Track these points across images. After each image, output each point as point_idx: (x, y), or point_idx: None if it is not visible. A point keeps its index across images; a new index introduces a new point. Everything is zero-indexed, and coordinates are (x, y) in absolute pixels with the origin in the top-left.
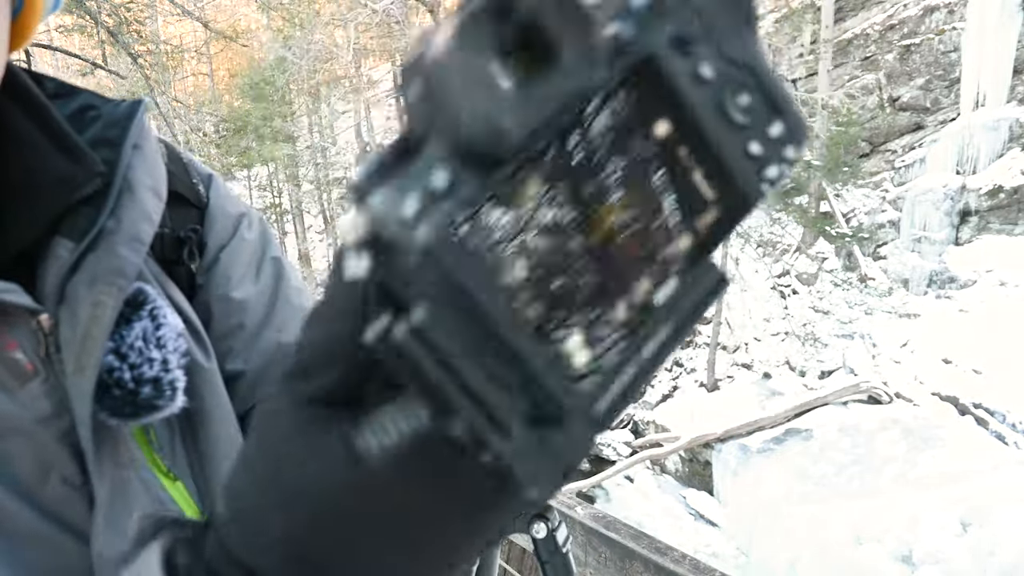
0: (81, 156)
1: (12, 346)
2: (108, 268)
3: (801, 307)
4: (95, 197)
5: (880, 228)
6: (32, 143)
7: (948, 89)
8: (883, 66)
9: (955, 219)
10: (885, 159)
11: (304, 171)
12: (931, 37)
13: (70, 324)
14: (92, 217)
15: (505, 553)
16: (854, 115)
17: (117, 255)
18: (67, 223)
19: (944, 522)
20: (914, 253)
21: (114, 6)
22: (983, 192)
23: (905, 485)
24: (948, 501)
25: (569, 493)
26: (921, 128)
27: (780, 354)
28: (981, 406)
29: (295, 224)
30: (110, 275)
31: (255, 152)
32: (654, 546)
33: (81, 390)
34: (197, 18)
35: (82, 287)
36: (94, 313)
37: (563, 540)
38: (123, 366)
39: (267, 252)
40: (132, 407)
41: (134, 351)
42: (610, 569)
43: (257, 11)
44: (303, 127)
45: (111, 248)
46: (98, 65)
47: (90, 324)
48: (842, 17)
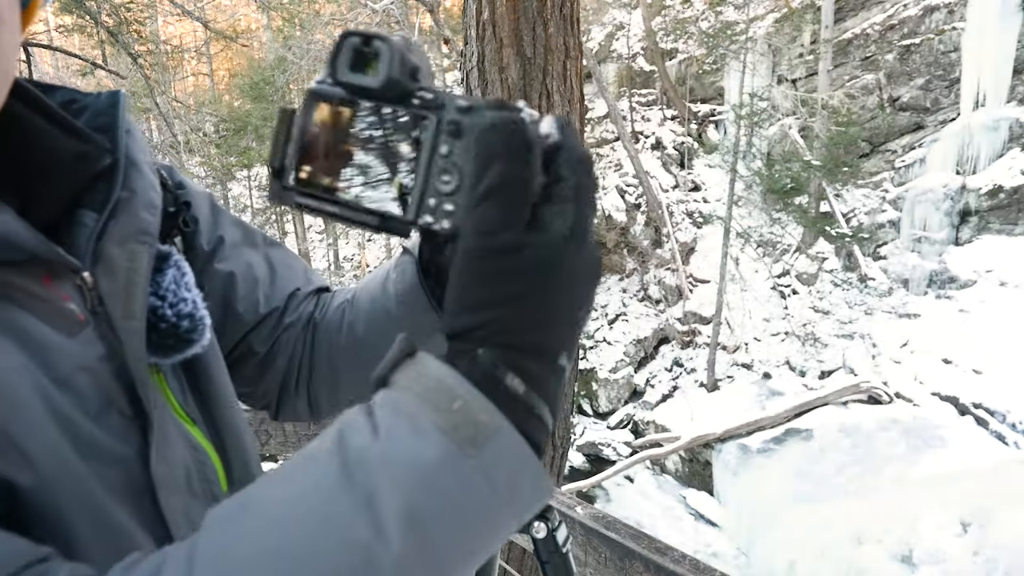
0: (88, 138)
1: (66, 298)
2: (135, 229)
3: (801, 307)
4: (105, 174)
5: (880, 228)
6: (44, 129)
7: (948, 89)
8: (883, 66)
9: (955, 219)
10: (885, 159)
11: None
12: (931, 37)
13: (109, 279)
14: (107, 190)
15: (505, 553)
16: (854, 115)
17: (140, 218)
18: (87, 197)
19: (944, 522)
20: (914, 253)
21: (114, 6)
22: (983, 192)
23: (905, 485)
24: (948, 501)
25: (569, 493)
26: (921, 128)
27: (780, 354)
28: (981, 406)
29: (295, 224)
30: (138, 234)
31: (255, 152)
32: (654, 546)
33: (133, 330)
34: (197, 18)
35: (113, 247)
36: (131, 266)
37: (563, 540)
38: (164, 304)
39: (226, 215)
40: (174, 339)
41: (170, 292)
42: (610, 569)
43: (257, 11)
44: None
45: (133, 213)
46: (98, 65)
47: (130, 276)
48: (842, 17)
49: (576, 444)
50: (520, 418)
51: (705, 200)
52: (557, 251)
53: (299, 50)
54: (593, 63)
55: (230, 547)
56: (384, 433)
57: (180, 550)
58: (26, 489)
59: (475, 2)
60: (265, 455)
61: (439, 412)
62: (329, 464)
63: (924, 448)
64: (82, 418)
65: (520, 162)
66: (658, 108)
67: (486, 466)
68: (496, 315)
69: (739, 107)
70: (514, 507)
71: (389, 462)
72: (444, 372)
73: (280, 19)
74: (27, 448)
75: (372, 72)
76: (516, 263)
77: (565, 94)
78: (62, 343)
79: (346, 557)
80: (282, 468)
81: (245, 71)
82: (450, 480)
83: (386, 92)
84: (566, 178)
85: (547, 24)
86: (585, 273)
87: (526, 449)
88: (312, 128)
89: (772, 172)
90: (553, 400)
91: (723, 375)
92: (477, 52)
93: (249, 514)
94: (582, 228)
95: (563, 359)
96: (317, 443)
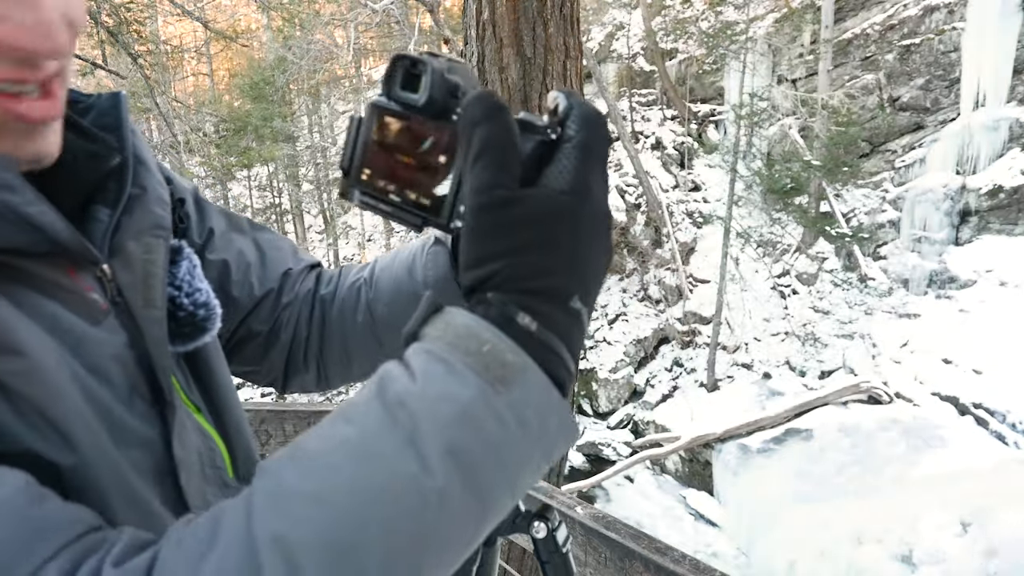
0: (97, 137)
1: (89, 289)
2: (149, 223)
3: (801, 307)
4: (115, 172)
5: (880, 228)
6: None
7: (948, 89)
8: (883, 66)
9: (955, 219)
10: (885, 159)
11: (304, 171)
12: (931, 37)
13: (127, 271)
14: (118, 188)
15: (505, 553)
16: (854, 115)
17: (153, 213)
18: (99, 194)
19: (944, 522)
20: (914, 253)
21: (114, 6)
22: (983, 192)
23: (905, 485)
24: (948, 501)
25: (569, 493)
26: (921, 128)
27: (780, 354)
28: (981, 406)
29: (295, 224)
30: (153, 229)
31: (255, 152)
32: (654, 546)
33: (154, 319)
34: (197, 18)
35: (129, 241)
36: (149, 259)
37: (563, 540)
38: (181, 294)
39: (211, 206)
40: (191, 327)
41: (185, 283)
42: (610, 569)
43: (257, 11)
44: (303, 127)
45: (146, 208)
46: (98, 65)
47: (148, 267)
48: (842, 17)
49: (576, 444)
50: (539, 355)
51: (705, 200)
52: (549, 203)
53: (299, 50)
54: (593, 63)
55: (285, 487)
56: (420, 376)
57: (236, 500)
58: (68, 469)
59: (475, 2)
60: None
61: (470, 355)
62: (370, 408)
63: (924, 448)
64: (115, 403)
65: (498, 124)
66: (658, 108)
67: (516, 403)
68: (500, 266)
69: (739, 107)
70: (543, 444)
71: (428, 401)
72: (469, 319)
73: (280, 19)
74: (68, 431)
75: (419, 90)
76: (509, 216)
77: None
78: (91, 332)
79: (396, 490)
80: (324, 422)
81: (245, 71)
82: (485, 416)
83: (429, 108)
84: (571, 137)
85: (547, 24)
86: (588, 224)
87: (552, 388)
88: (372, 136)
89: (772, 172)
90: (569, 339)
91: (723, 375)
92: (477, 52)
93: (299, 459)
94: (583, 182)
95: (575, 302)
96: (355, 396)
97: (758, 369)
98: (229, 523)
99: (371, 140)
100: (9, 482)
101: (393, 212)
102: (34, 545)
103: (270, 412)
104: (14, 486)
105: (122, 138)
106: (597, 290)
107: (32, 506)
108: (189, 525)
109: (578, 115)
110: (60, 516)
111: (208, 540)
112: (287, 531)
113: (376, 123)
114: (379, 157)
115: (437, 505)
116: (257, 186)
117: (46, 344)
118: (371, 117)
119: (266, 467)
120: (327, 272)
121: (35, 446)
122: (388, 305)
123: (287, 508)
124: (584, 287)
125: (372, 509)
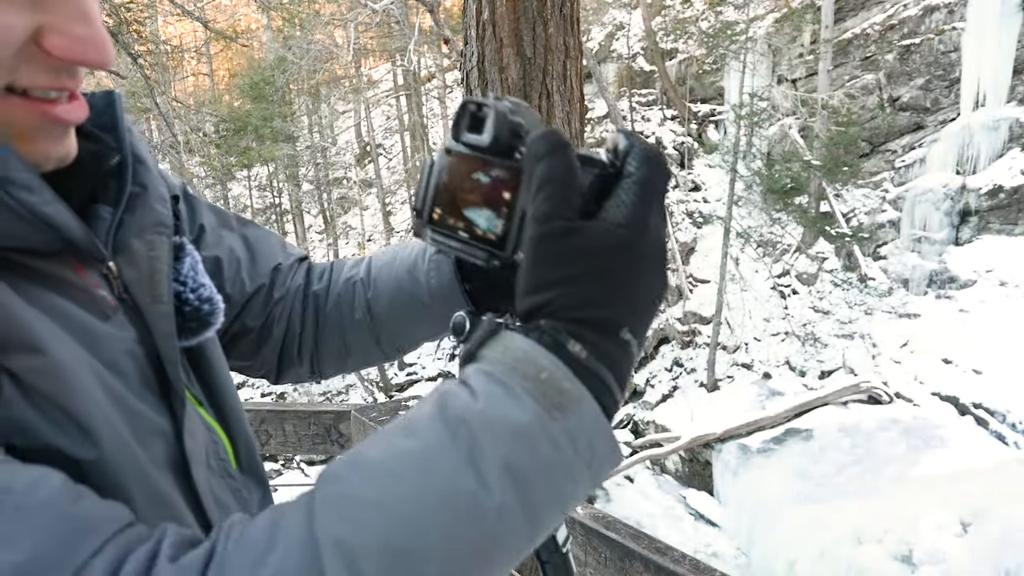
0: (96, 137)
1: (97, 286)
2: (151, 221)
3: (801, 307)
4: (114, 171)
5: (880, 228)
6: None
7: (948, 89)
8: (883, 66)
9: (955, 219)
10: (885, 159)
11: (304, 171)
12: (931, 37)
13: (132, 268)
14: (119, 186)
15: None
16: (854, 115)
17: (155, 210)
18: (101, 193)
19: (944, 522)
20: (914, 253)
21: (114, 6)
22: (983, 192)
23: (905, 485)
24: (948, 501)
25: None
26: (921, 128)
27: (780, 354)
28: (981, 406)
29: (295, 224)
30: (155, 226)
31: (255, 152)
32: (654, 546)
33: (162, 314)
34: (197, 18)
35: (132, 239)
36: (153, 255)
37: (563, 540)
38: (186, 289)
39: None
40: (197, 322)
41: (189, 278)
42: (610, 569)
43: (257, 11)
44: (303, 127)
45: (147, 206)
46: None
47: (153, 264)
48: (842, 17)
49: None
50: (588, 382)
51: (705, 200)
52: (607, 236)
53: (299, 50)
54: (593, 63)
55: (348, 492)
56: (482, 397)
57: (294, 501)
58: (89, 464)
59: (475, 2)
60: (265, 455)
61: (528, 380)
62: (432, 424)
63: (924, 448)
64: (131, 398)
65: (560, 158)
66: (658, 108)
67: (570, 430)
68: (555, 294)
69: (739, 107)
70: (593, 469)
71: (488, 421)
72: (528, 345)
73: (280, 19)
74: (89, 426)
75: (484, 131)
76: (568, 246)
77: (565, 94)
78: (103, 328)
79: (455, 502)
80: (383, 433)
81: (245, 71)
82: (541, 440)
83: (494, 147)
84: (631, 173)
85: (547, 24)
86: (643, 258)
87: (602, 417)
88: (443, 178)
89: (772, 172)
90: (617, 369)
91: (723, 375)
92: (477, 52)
93: (362, 467)
94: (640, 217)
95: (625, 333)
96: (414, 412)
97: (758, 369)
98: (290, 524)
99: (442, 181)
100: (48, 481)
101: (461, 248)
102: (78, 543)
103: (270, 412)
104: (54, 485)
105: (119, 137)
106: (649, 323)
107: (73, 504)
108: (243, 524)
109: (638, 153)
110: (99, 512)
111: (267, 540)
112: (349, 535)
113: (446, 165)
114: (449, 196)
115: (494, 519)
116: (257, 186)
117: (64, 340)
118: (442, 160)
119: (328, 473)
120: (317, 266)
121: (56, 442)
122: (388, 305)
123: (350, 513)
124: (636, 319)
125: (433, 518)
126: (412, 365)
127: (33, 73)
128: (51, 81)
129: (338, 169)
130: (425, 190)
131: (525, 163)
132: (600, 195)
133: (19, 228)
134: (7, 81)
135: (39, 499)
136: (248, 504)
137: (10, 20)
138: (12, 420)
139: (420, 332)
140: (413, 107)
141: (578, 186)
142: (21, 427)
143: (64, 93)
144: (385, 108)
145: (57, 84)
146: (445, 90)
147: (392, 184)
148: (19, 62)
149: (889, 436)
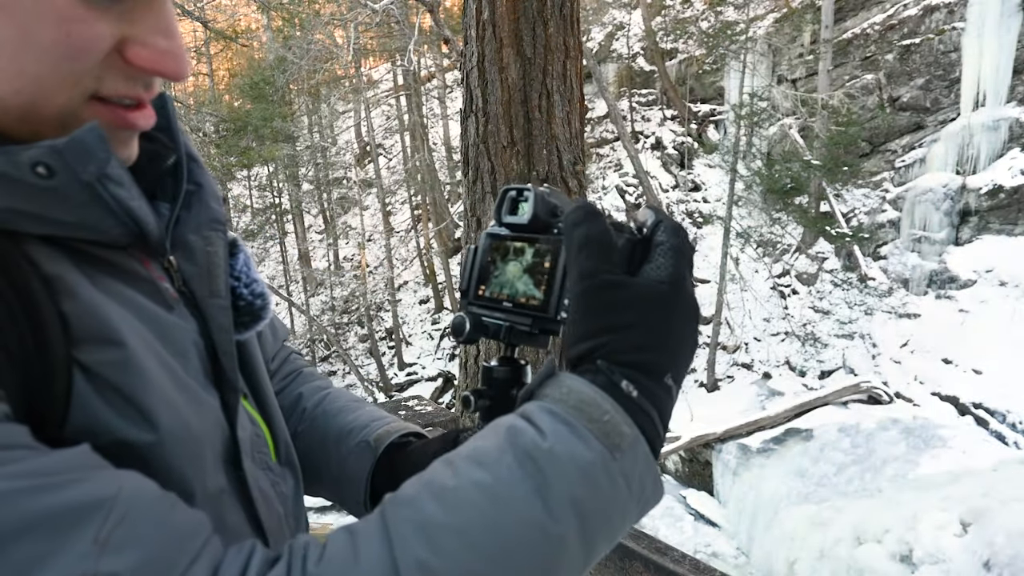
0: (153, 137)
1: (161, 278)
2: (208, 218)
3: (801, 307)
4: (170, 170)
5: (880, 228)
6: None
7: (948, 89)
8: (883, 66)
9: (955, 219)
10: (885, 159)
11: (304, 171)
12: (931, 37)
13: (191, 263)
14: (175, 184)
15: None
16: (854, 115)
17: (211, 207)
18: (159, 191)
19: (944, 522)
20: (914, 253)
21: None
22: (983, 192)
23: (905, 485)
24: (948, 501)
25: None
26: (921, 128)
27: (780, 354)
28: (981, 406)
29: (295, 224)
30: (211, 223)
31: (255, 152)
32: (654, 546)
33: (219, 307)
34: (197, 18)
35: (190, 235)
36: (211, 251)
37: None
38: (240, 284)
39: None
40: (251, 316)
41: (243, 274)
42: (610, 569)
43: (257, 11)
44: (303, 127)
45: (204, 203)
46: None
47: (211, 259)
48: (842, 17)
49: None
50: (639, 420)
51: (705, 200)
52: (651, 290)
53: (299, 50)
54: (593, 63)
55: (428, 518)
56: (550, 435)
57: (367, 525)
58: (156, 456)
59: (475, 2)
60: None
61: (593, 422)
62: (502, 457)
63: (924, 448)
64: (197, 388)
65: (596, 223)
66: (658, 108)
67: (626, 469)
68: (606, 339)
69: (739, 107)
70: (641, 504)
71: (556, 458)
72: (588, 388)
73: (280, 19)
74: (159, 419)
75: (523, 213)
76: (617, 297)
77: (565, 94)
78: (171, 319)
79: (525, 532)
80: (450, 462)
81: (245, 71)
82: (603, 477)
83: (534, 224)
84: (663, 242)
85: (547, 24)
86: (682, 313)
87: (651, 457)
88: (487, 258)
89: (772, 172)
90: (663, 410)
91: (723, 375)
92: (477, 52)
93: (438, 495)
94: (678, 278)
95: (668, 379)
96: (480, 443)
97: (758, 369)
98: (370, 546)
99: (486, 262)
100: (150, 490)
101: (506, 317)
102: (180, 549)
103: None
104: (154, 492)
105: (174, 137)
106: (685, 371)
107: (171, 511)
108: (318, 545)
109: (668, 226)
110: (192, 520)
111: (347, 561)
112: (430, 558)
113: (489, 246)
114: (493, 274)
115: (558, 547)
116: (257, 186)
117: (138, 331)
118: (485, 243)
119: (402, 498)
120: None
121: (127, 435)
122: (305, 449)
123: (431, 537)
124: (676, 366)
125: (506, 545)
126: (412, 365)
127: (114, 81)
128: (128, 89)
129: (338, 169)
130: (470, 272)
131: (564, 231)
132: (631, 258)
133: (107, 221)
134: (94, 88)
135: (142, 507)
136: (285, 498)
137: (100, 31)
138: (89, 420)
139: (312, 490)
140: (413, 107)
141: (615, 246)
142: (96, 426)
143: (135, 101)
144: (385, 108)
145: (134, 93)
146: (445, 90)
147: (392, 184)
148: (104, 71)
149: (889, 436)
